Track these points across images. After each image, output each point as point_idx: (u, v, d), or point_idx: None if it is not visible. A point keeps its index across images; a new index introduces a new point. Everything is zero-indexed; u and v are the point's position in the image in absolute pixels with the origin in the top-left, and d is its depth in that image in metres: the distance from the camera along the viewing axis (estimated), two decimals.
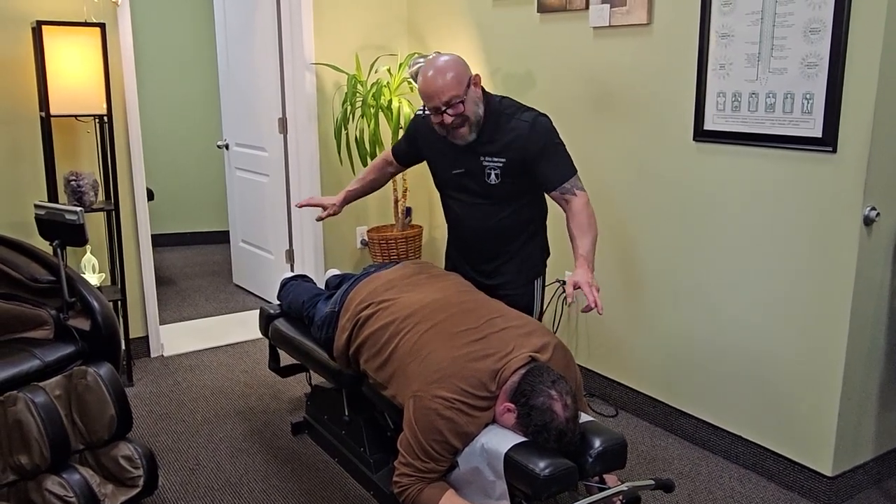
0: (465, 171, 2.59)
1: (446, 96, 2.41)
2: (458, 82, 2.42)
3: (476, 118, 2.48)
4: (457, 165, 2.60)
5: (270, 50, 4.35)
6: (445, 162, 2.65)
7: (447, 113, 2.44)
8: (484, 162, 2.54)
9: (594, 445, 2.04)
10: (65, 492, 2.27)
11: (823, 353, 2.56)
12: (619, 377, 3.38)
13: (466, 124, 2.47)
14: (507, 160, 2.50)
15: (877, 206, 2.43)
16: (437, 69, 2.44)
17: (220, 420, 3.26)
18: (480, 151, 2.54)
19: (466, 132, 2.48)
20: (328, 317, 2.67)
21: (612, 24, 3.12)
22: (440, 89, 2.41)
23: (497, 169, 2.53)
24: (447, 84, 2.41)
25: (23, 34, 3.38)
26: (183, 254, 6.19)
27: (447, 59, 2.48)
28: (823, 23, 2.40)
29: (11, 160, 3.46)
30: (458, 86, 2.42)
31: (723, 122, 2.77)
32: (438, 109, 2.44)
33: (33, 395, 2.27)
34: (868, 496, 2.71)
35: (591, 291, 2.24)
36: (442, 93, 2.41)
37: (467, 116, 2.45)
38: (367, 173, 3.02)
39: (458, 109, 2.43)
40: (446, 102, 2.42)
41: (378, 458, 2.65)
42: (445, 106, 2.42)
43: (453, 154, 2.59)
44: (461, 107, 2.43)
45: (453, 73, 2.42)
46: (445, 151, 2.62)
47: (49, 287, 2.63)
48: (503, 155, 2.51)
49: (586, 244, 2.43)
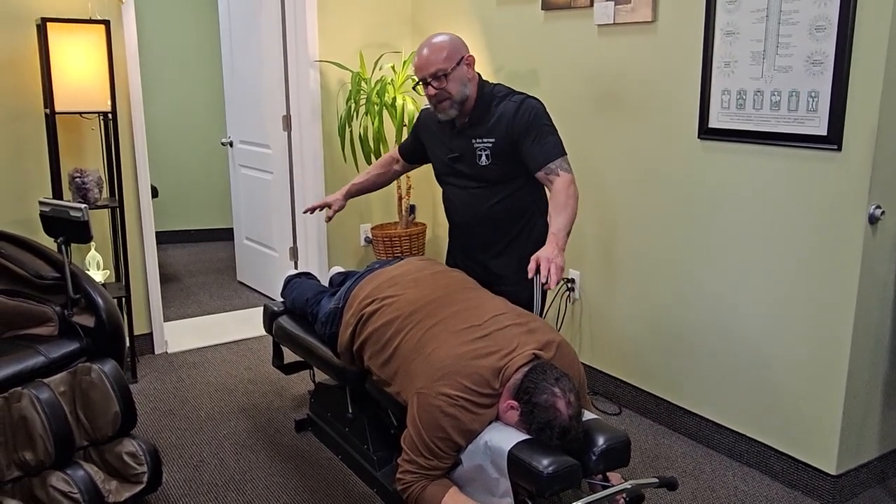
0: (458, 155, 2.66)
1: (432, 69, 2.52)
2: (446, 57, 2.53)
3: (460, 96, 2.55)
4: (451, 150, 2.68)
5: (275, 47, 4.35)
6: (441, 148, 2.73)
7: (432, 85, 2.54)
8: (475, 144, 2.61)
9: (598, 443, 2.04)
10: (69, 488, 2.28)
11: (828, 352, 2.56)
12: (622, 375, 3.37)
13: (448, 100, 2.55)
14: (496, 140, 2.57)
15: (882, 204, 2.42)
16: (430, 44, 2.56)
17: (223, 417, 3.26)
18: (471, 134, 2.61)
19: (447, 107, 2.57)
20: (332, 313, 2.67)
21: (617, 22, 3.12)
22: (427, 62, 2.53)
23: (487, 150, 2.59)
24: (435, 58, 2.52)
25: (28, 31, 3.39)
26: (187, 251, 6.20)
27: (442, 35, 2.59)
28: (829, 20, 2.40)
29: (16, 157, 3.47)
30: (445, 60, 2.52)
31: (727, 120, 2.76)
32: (425, 81, 2.55)
33: (38, 392, 2.28)
34: (872, 495, 2.70)
35: (545, 267, 2.23)
36: (429, 65, 2.53)
37: (450, 93, 2.54)
38: (373, 168, 3.11)
39: (441, 83, 2.52)
40: (432, 74, 2.52)
41: (381, 455, 2.65)
42: (431, 77, 2.53)
43: (448, 139, 2.69)
44: (444, 80, 2.52)
45: (443, 49, 2.53)
46: (441, 137, 2.72)
47: (53, 284, 2.63)
48: (492, 135, 2.57)
49: (559, 222, 2.42)
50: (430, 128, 2.78)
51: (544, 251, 2.31)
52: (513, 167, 2.60)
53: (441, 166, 2.78)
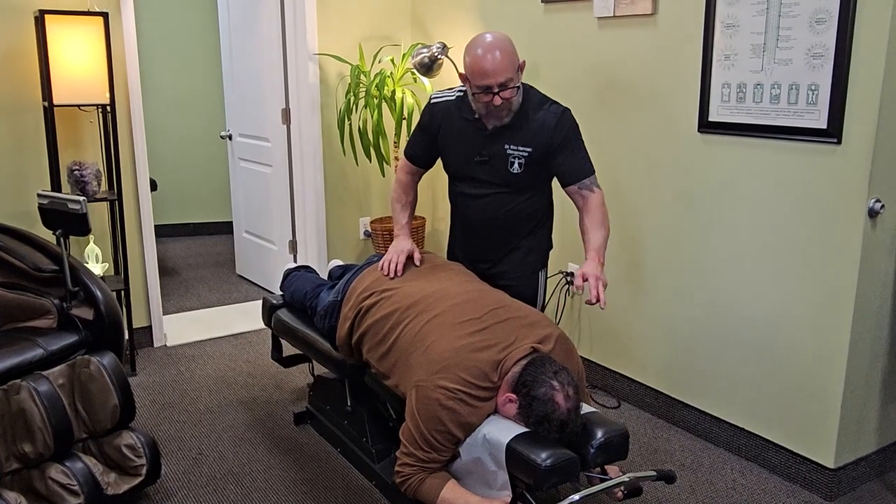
0: (488, 158, 2.52)
1: (503, 77, 2.32)
2: (513, 64, 2.35)
3: (517, 106, 2.44)
4: (480, 152, 2.53)
5: (274, 40, 4.34)
6: (466, 148, 2.56)
7: (500, 94, 2.35)
8: (508, 150, 2.49)
9: (596, 436, 2.04)
10: (68, 480, 2.28)
11: (827, 345, 2.56)
12: (621, 369, 3.38)
13: (507, 109, 2.42)
14: (533, 149, 2.47)
15: (882, 198, 2.42)
16: (497, 46, 2.33)
17: (222, 410, 3.26)
18: (506, 139, 2.49)
19: (504, 115, 2.43)
20: (331, 306, 2.67)
21: (617, 15, 3.10)
22: (498, 68, 2.32)
23: (522, 158, 2.49)
24: (504, 64, 2.32)
25: (26, 23, 3.38)
26: (186, 244, 6.20)
27: (503, 38, 2.38)
28: (829, 13, 2.39)
29: (15, 150, 3.46)
30: (512, 68, 2.35)
31: (727, 113, 2.76)
32: (490, 89, 2.34)
33: (37, 384, 2.28)
34: (870, 488, 2.70)
35: (596, 285, 2.23)
36: (499, 72, 2.32)
37: (511, 102, 2.40)
38: (403, 195, 2.79)
39: (510, 94, 2.36)
40: (502, 84, 2.33)
41: (380, 448, 2.66)
42: (500, 87, 2.34)
43: (478, 140, 2.52)
44: (514, 91, 2.37)
45: (509, 55, 2.35)
46: (468, 138, 2.54)
47: (52, 276, 2.63)
48: (530, 144, 2.47)
49: (599, 238, 2.42)
50: (453, 125, 2.58)
51: (590, 268, 2.30)
52: (541, 176, 2.56)
53: (462, 166, 2.61)
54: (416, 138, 2.74)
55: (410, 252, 2.64)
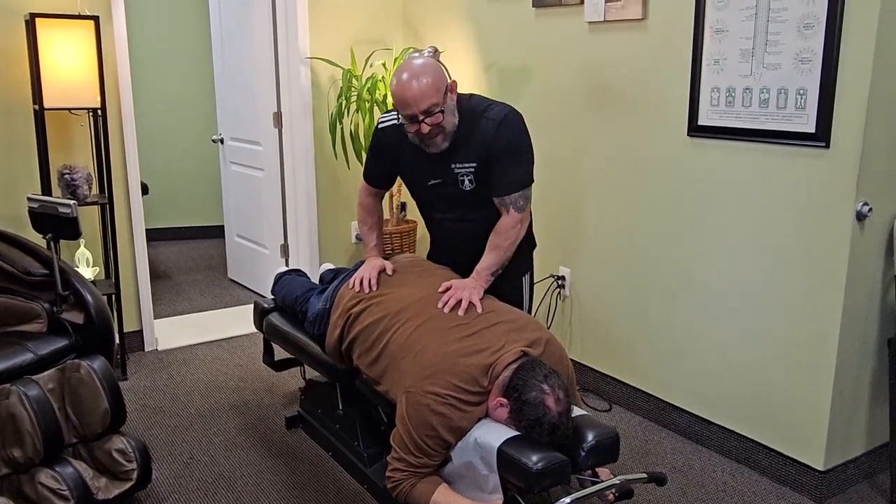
0: (441, 181, 2.47)
1: (425, 104, 2.25)
2: (436, 89, 2.26)
3: (451, 127, 2.34)
4: (433, 176, 2.48)
5: (265, 44, 4.34)
6: (418, 174, 2.53)
7: (424, 122, 2.28)
8: (455, 169, 2.43)
9: (587, 439, 2.05)
10: (58, 485, 2.27)
11: (815, 348, 2.57)
12: (612, 372, 3.38)
13: (442, 134, 2.33)
14: (477, 162, 2.41)
15: (869, 201, 2.43)
16: (414, 73, 2.25)
17: (214, 414, 3.26)
18: (450, 160, 2.42)
19: (441, 141, 2.35)
20: (320, 313, 2.66)
21: (607, 19, 3.12)
22: (418, 96, 2.24)
23: (470, 175, 2.43)
24: (425, 91, 2.24)
25: (16, 26, 3.37)
26: (177, 248, 6.18)
27: (424, 63, 2.30)
28: (817, 18, 2.41)
29: (5, 153, 3.45)
30: (436, 93, 2.25)
31: (717, 117, 2.77)
32: (415, 118, 2.27)
33: (26, 389, 2.28)
34: (859, 490, 2.72)
35: (458, 295, 2.30)
36: (420, 100, 2.24)
37: (443, 126, 2.31)
38: (369, 217, 2.77)
39: (436, 119, 2.27)
40: (425, 111, 2.26)
41: (372, 452, 2.66)
42: (424, 115, 2.26)
43: (427, 165, 2.46)
44: (440, 116, 2.28)
45: (431, 80, 2.25)
46: (419, 163, 2.48)
47: (42, 280, 2.62)
48: (474, 159, 2.40)
49: (489, 261, 2.44)
50: (401, 150, 2.50)
51: (465, 281, 2.36)
52: None
53: (420, 190, 2.58)
54: (371, 162, 2.67)
55: (382, 268, 2.59)
